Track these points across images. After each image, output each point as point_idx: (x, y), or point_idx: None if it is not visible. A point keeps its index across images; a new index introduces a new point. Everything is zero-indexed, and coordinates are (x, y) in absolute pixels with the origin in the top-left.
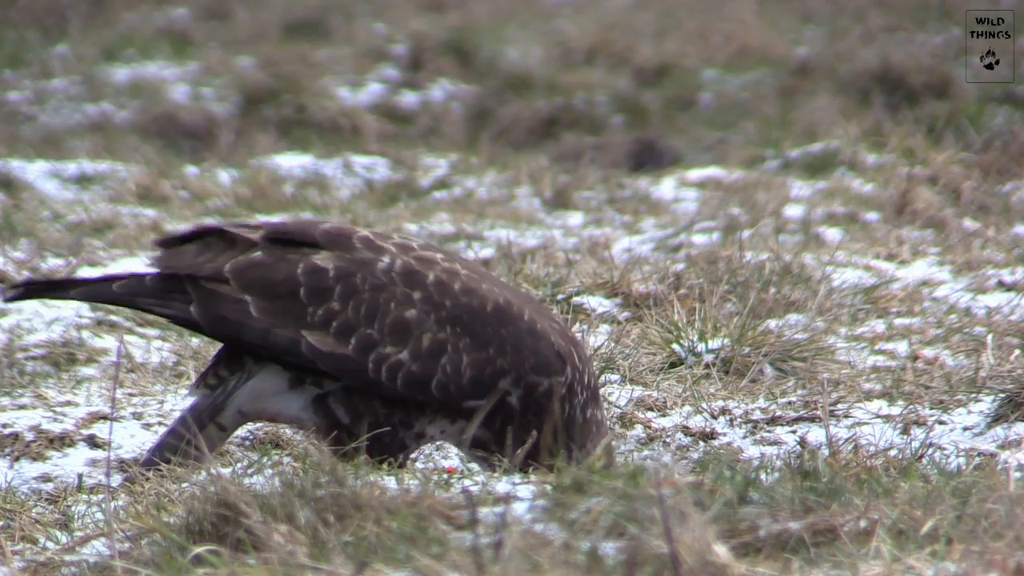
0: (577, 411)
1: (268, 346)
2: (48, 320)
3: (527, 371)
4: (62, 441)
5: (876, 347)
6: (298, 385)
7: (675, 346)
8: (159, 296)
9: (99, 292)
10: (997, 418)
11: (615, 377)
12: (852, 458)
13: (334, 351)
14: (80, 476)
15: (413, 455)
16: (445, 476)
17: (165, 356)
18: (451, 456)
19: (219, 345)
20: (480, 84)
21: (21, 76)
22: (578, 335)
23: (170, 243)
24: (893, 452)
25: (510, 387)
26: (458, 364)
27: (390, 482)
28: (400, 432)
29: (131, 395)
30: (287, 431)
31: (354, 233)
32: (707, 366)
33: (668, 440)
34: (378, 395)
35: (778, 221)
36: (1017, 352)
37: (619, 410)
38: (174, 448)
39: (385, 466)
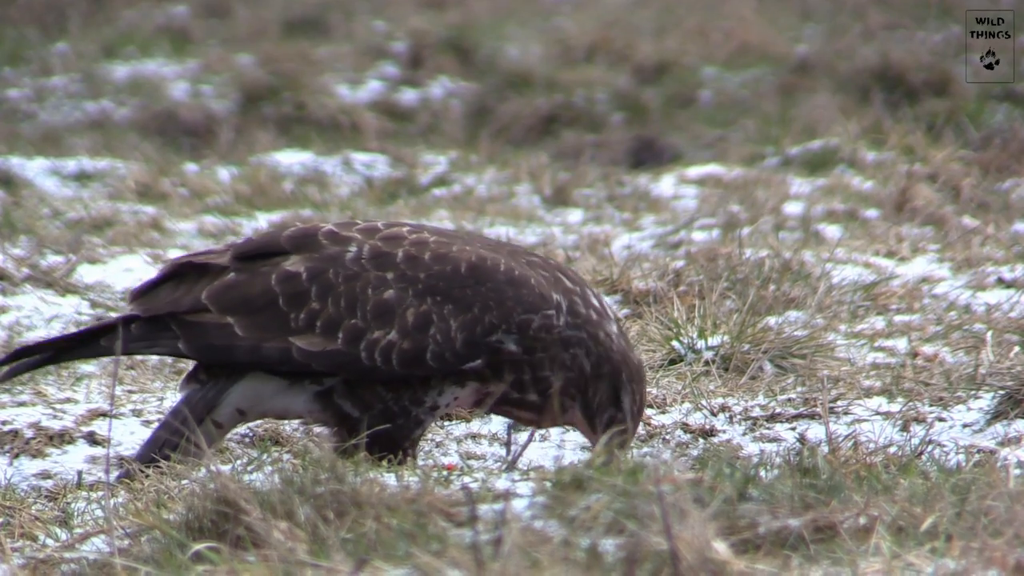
0: (584, 333)
1: (260, 360)
2: (47, 317)
3: (515, 319)
4: (62, 438)
5: (876, 344)
6: (297, 382)
7: (675, 343)
8: (147, 339)
9: (90, 350)
10: (997, 415)
11: None
12: (852, 455)
13: (324, 349)
14: (80, 473)
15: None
16: (444, 473)
17: None
18: (451, 453)
19: None
20: (480, 81)
21: (21, 73)
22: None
23: (145, 290)
24: (893, 449)
25: (503, 337)
26: (447, 331)
27: (390, 479)
28: (413, 411)
29: (131, 392)
30: (287, 428)
31: (318, 231)
32: (707, 363)
33: (668, 437)
34: (379, 381)
35: (778, 218)
36: (1017, 349)
37: None
38: (172, 444)
39: (386, 462)
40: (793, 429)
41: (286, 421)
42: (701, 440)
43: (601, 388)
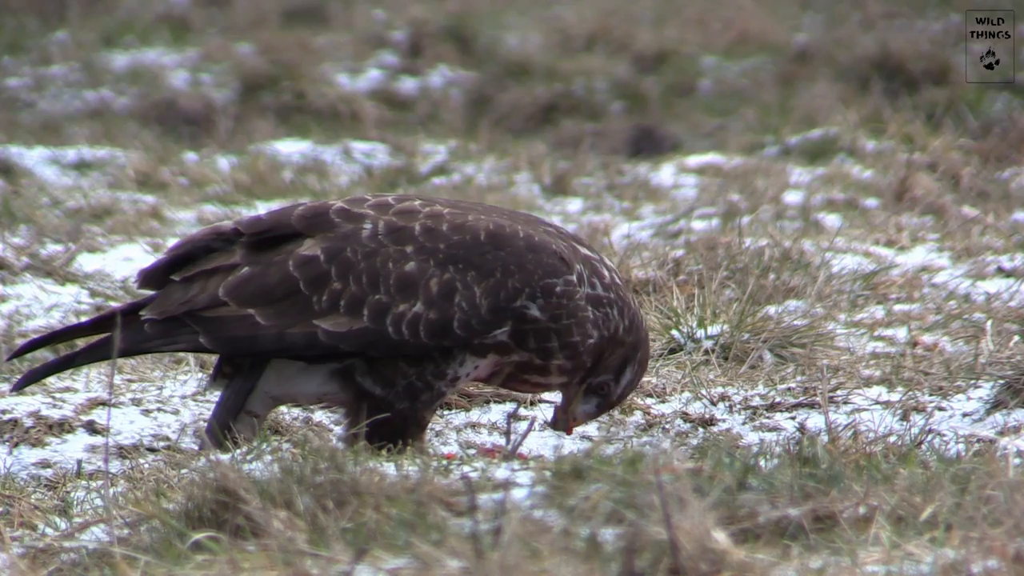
0: (614, 295)
1: (286, 348)
2: (47, 306)
3: (538, 283)
4: (61, 427)
5: (875, 333)
6: (318, 364)
7: (674, 332)
8: (164, 337)
9: (102, 352)
10: (996, 404)
11: None
12: (851, 444)
13: (351, 328)
14: (79, 462)
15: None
16: (444, 462)
17: None
18: (450, 443)
19: None
20: (479, 70)
21: (20, 62)
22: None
23: (153, 275)
24: (892, 438)
25: (527, 302)
26: (472, 298)
27: (389, 468)
28: (436, 384)
29: (130, 381)
30: (286, 417)
31: (329, 208)
32: (706, 352)
33: (667, 426)
34: (402, 356)
35: (777, 207)
36: (1016, 338)
37: None
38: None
39: (389, 449)
40: (793, 418)
41: (310, 406)
42: (701, 429)
43: (617, 354)
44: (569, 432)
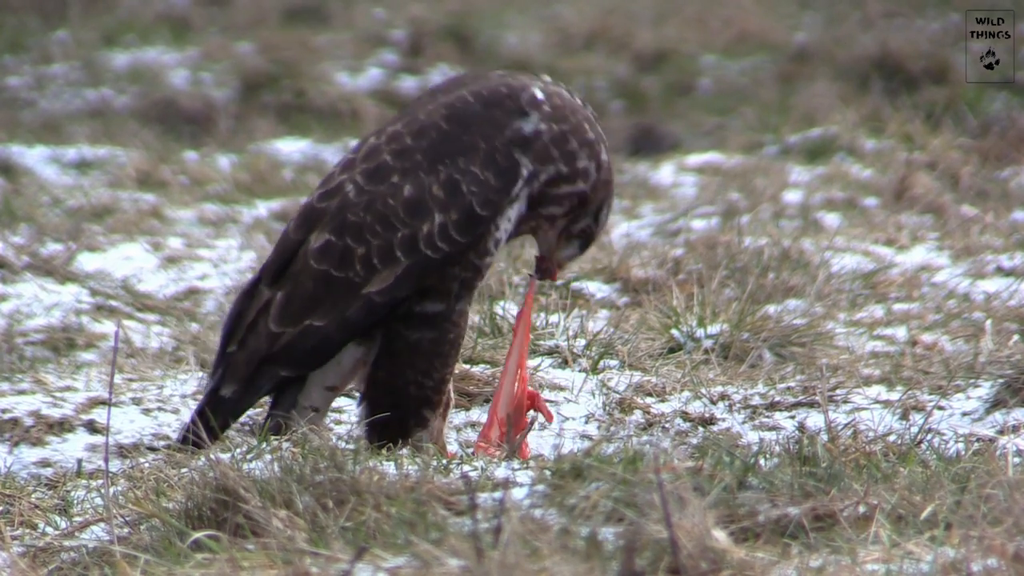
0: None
1: (353, 328)
2: (47, 305)
3: (517, 108)
4: (61, 426)
5: (875, 332)
6: (381, 323)
7: (674, 331)
8: (249, 394)
9: (205, 431)
10: (996, 403)
11: (614, 363)
12: (851, 443)
13: (396, 275)
14: (79, 461)
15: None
16: (444, 461)
17: (164, 341)
18: (451, 442)
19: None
20: (479, 69)
21: (21, 61)
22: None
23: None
24: (892, 437)
25: (520, 124)
26: (476, 178)
27: (389, 467)
28: (482, 261)
29: (130, 380)
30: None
31: (311, 201)
32: (706, 351)
33: (667, 426)
34: (452, 264)
35: (777, 206)
36: (1016, 337)
37: (618, 395)
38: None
39: (385, 451)
40: (792, 417)
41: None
42: (700, 428)
43: (598, 196)
44: (555, 278)
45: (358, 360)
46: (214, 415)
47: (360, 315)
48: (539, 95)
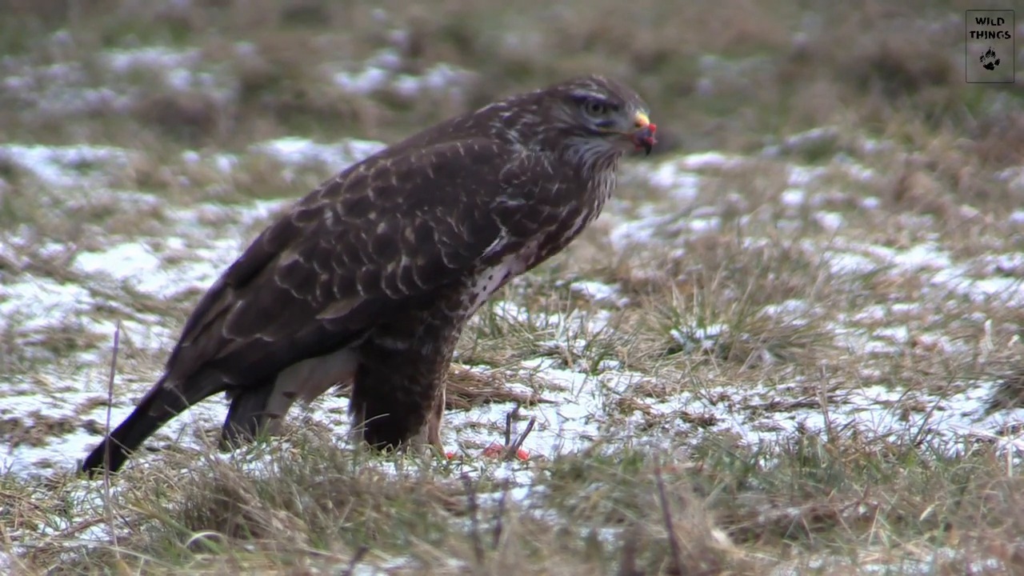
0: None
1: (300, 352)
2: (47, 306)
3: (501, 182)
4: (61, 427)
5: (875, 333)
6: (334, 350)
7: (674, 332)
8: (190, 391)
9: (142, 429)
10: (995, 404)
11: (614, 363)
12: (851, 444)
13: (352, 307)
14: (79, 462)
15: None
16: (444, 462)
17: (164, 342)
18: (450, 442)
19: None
20: (479, 70)
21: (21, 62)
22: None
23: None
24: (892, 438)
25: (503, 199)
26: (450, 228)
27: (389, 468)
28: (452, 314)
29: (130, 381)
30: (286, 417)
31: (290, 218)
32: (706, 352)
33: (667, 426)
34: (413, 307)
35: (777, 207)
36: (1015, 338)
37: (618, 396)
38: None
39: (384, 451)
40: (792, 418)
41: (328, 391)
42: (700, 429)
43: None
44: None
45: (346, 369)
46: (153, 405)
47: (310, 339)
48: (517, 168)
